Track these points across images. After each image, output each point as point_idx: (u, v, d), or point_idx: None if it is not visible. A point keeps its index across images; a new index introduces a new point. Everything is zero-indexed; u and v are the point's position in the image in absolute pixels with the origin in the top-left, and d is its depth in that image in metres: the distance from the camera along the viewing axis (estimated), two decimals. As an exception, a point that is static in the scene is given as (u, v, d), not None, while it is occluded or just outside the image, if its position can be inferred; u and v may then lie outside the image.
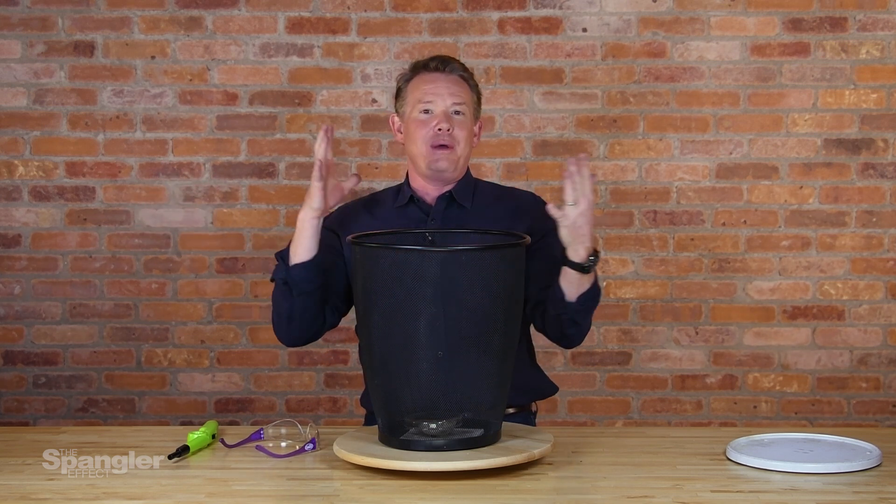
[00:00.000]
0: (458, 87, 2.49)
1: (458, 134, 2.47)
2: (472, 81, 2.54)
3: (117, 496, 1.94)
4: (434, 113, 2.47)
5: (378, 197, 2.64)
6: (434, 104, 2.47)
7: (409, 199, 2.54)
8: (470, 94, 2.52)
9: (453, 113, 2.47)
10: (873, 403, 3.99)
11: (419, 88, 2.49)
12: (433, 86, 2.48)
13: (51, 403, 4.02)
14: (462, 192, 2.53)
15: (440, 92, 2.47)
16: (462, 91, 2.49)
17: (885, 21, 3.91)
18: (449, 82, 2.49)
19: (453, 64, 2.52)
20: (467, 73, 2.53)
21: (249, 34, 3.96)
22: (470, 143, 2.51)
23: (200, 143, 3.98)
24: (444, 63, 2.50)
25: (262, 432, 2.30)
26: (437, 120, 2.45)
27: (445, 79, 2.49)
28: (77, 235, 3.99)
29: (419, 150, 2.48)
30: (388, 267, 2.04)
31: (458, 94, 2.48)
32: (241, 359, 4.02)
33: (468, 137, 2.50)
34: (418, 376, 2.07)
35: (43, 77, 3.97)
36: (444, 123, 2.44)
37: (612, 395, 4.01)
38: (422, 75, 2.51)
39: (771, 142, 3.96)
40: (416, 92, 2.49)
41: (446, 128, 2.45)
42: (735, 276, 3.98)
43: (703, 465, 2.10)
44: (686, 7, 3.93)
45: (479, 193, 2.57)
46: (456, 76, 2.50)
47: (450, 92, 2.47)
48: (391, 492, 1.95)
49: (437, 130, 2.45)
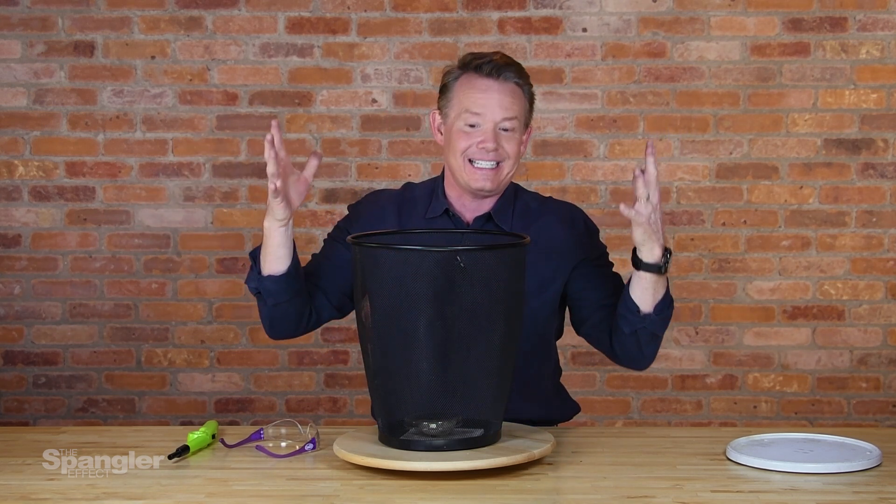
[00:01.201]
0: (511, 98, 2.26)
1: (505, 150, 2.27)
2: (526, 87, 2.31)
3: (117, 496, 1.94)
4: (481, 127, 2.25)
5: (410, 197, 2.43)
6: (482, 117, 2.25)
7: (443, 211, 2.37)
8: (523, 104, 2.29)
9: (502, 130, 2.26)
10: (873, 403, 3.99)
11: (468, 96, 2.26)
12: (484, 96, 2.25)
13: (51, 403, 4.02)
14: (502, 212, 2.36)
15: (490, 104, 2.24)
16: (515, 102, 2.27)
17: (885, 21, 3.91)
18: (502, 93, 2.25)
19: (508, 71, 2.26)
20: (523, 79, 2.29)
21: (249, 34, 3.96)
22: (518, 158, 2.31)
23: (200, 143, 3.98)
24: (499, 70, 2.25)
25: (262, 432, 2.30)
26: (483, 137, 2.25)
27: (499, 88, 2.25)
28: (77, 235, 3.99)
29: (458, 164, 2.29)
30: (388, 267, 2.04)
31: (511, 108, 2.26)
32: (241, 359, 4.02)
33: (516, 152, 2.29)
34: (418, 376, 2.06)
35: (43, 77, 3.97)
36: (489, 143, 2.24)
37: (612, 395, 4.01)
38: (472, 79, 2.27)
39: (771, 142, 3.96)
40: (463, 98, 2.27)
41: (492, 147, 2.24)
42: (735, 276, 3.98)
43: (703, 465, 2.10)
44: (686, 7, 3.93)
45: (519, 212, 2.38)
46: (511, 84, 2.26)
47: (501, 105, 2.25)
48: (391, 492, 1.94)
49: (481, 147, 2.25)
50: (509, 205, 2.38)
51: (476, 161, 2.28)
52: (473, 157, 2.27)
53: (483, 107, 2.25)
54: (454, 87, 2.29)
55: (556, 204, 2.46)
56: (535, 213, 2.41)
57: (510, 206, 2.38)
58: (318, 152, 2.24)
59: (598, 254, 2.44)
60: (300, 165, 1.95)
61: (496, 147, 2.26)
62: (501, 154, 2.27)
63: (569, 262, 2.38)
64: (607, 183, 3.97)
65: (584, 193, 3.96)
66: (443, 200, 2.38)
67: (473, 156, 2.27)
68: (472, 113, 2.26)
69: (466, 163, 2.28)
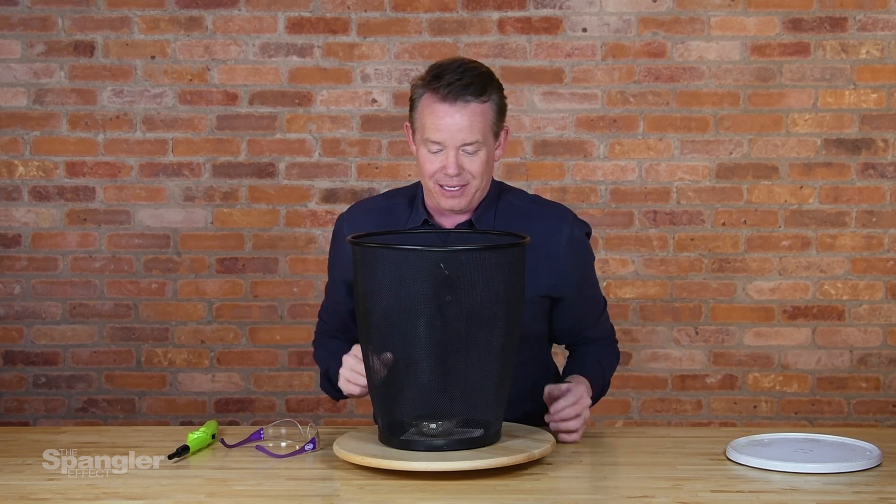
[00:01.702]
0: (469, 120, 2.22)
1: (470, 171, 2.25)
2: (492, 99, 2.25)
3: (117, 496, 1.94)
4: (443, 151, 2.24)
5: (391, 206, 2.43)
6: (442, 144, 2.23)
7: (423, 221, 2.37)
8: (486, 120, 2.24)
9: (464, 153, 2.24)
10: (873, 403, 3.99)
11: (428, 119, 2.24)
12: (442, 122, 2.21)
13: (51, 403, 4.02)
14: (482, 218, 2.35)
15: (450, 130, 2.21)
16: (475, 124, 2.22)
17: (885, 21, 3.91)
18: (460, 116, 2.21)
19: (467, 93, 2.21)
20: (486, 94, 2.24)
21: (249, 34, 3.96)
22: (488, 170, 2.29)
23: (200, 143, 3.98)
24: (456, 94, 2.20)
25: (262, 432, 2.30)
26: (446, 164, 2.23)
27: (457, 112, 2.21)
28: (77, 235, 3.99)
29: (427, 184, 2.30)
30: (388, 267, 2.04)
31: (470, 131, 2.22)
32: (241, 359, 4.02)
33: (483, 167, 2.26)
34: (418, 376, 2.06)
35: (43, 77, 3.97)
36: (451, 168, 2.23)
37: (612, 395, 4.01)
38: (431, 101, 2.23)
39: (771, 142, 3.96)
40: (424, 120, 2.24)
41: (454, 173, 2.23)
42: (735, 276, 3.98)
43: (703, 465, 2.10)
44: (686, 7, 3.92)
45: (501, 216, 2.37)
46: (470, 108, 2.21)
47: (459, 129, 2.21)
48: (391, 492, 1.94)
49: (444, 173, 2.24)
50: (491, 207, 2.37)
51: (443, 185, 2.28)
52: (440, 181, 2.27)
53: (441, 133, 2.23)
54: (418, 106, 2.27)
55: (542, 208, 2.42)
56: (522, 216, 2.38)
57: (492, 208, 2.37)
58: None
59: (577, 281, 2.40)
60: (300, 165, 1.95)
61: (458, 172, 2.24)
62: (465, 177, 2.26)
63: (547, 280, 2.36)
64: (607, 183, 3.97)
65: (584, 193, 3.96)
66: (422, 211, 2.37)
67: (440, 180, 2.27)
68: (432, 141, 2.24)
69: (435, 185, 2.28)
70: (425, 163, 2.27)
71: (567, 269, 2.37)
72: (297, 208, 3.98)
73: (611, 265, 3.97)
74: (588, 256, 2.44)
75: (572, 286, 2.39)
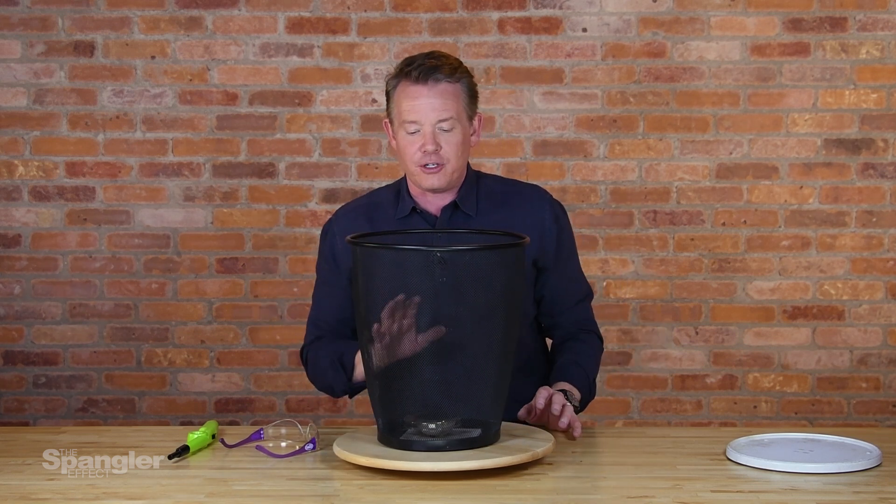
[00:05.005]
0: (442, 99, 2.34)
1: (447, 151, 2.35)
2: (462, 82, 2.38)
3: (117, 496, 1.94)
4: (421, 131, 2.34)
5: (377, 202, 2.52)
6: (419, 123, 2.34)
7: (411, 209, 2.45)
8: (459, 100, 2.37)
9: (440, 130, 2.34)
10: (873, 403, 3.99)
11: (403, 103, 2.35)
12: (416, 103, 2.33)
13: (51, 403, 4.02)
14: (466, 199, 2.44)
15: (424, 109, 2.33)
16: (448, 102, 2.34)
17: (885, 21, 3.91)
18: (433, 95, 2.33)
19: (437, 72, 2.34)
20: (455, 76, 2.36)
21: (249, 34, 3.96)
22: (464, 151, 2.39)
23: (200, 143, 3.98)
24: (427, 73, 2.33)
25: (262, 432, 2.30)
26: (423, 141, 2.34)
27: (429, 92, 2.33)
28: (77, 235, 3.99)
29: (409, 169, 2.39)
30: (388, 267, 2.04)
31: (444, 108, 2.34)
32: (241, 359, 4.02)
33: (459, 148, 2.37)
34: (418, 376, 2.07)
35: (43, 77, 3.97)
36: (429, 145, 2.34)
37: (612, 395, 4.01)
38: (405, 86, 2.35)
39: (771, 142, 3.96)
40: (400, 106, 2.36)
41: (432, 149, 2.34)
42: (735, 276, 3.98)
43: (703, 465, 2.10)
44: (686, 7, 3.93)
45: (483, 197, 2.47)
46: (442, 86, 2.34)
47: (433, 107, 2.33)
48: (391, 492, 1.95)
49: (423, 151, 2.34)
50: (472, 189, 2.47)
51: (424, 165, 2.37)
52: (420, 161, 2.36)
53: (417, 113, 2.34)
54: (393, 96, 2.39)
55: (520, 187, 2.54)
56: (503, 195, 2.50)
57: (473, 191, 2.47)
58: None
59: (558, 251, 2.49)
60: (300, 165, 1.96)
61: (436, 149, 2.35)
62: (443, 156, 2.36)
63: (534, 246, 2.43)
64: (607, 183, 3.97)
65: (584, 193, 3.96)
66: (408, 200, 2.46)
67: (420, 161, 2.36)
68: (409, 122, 2.35)
69: (416, 167, 2.38)
70: (406, 146, 2.37)
71: (551, 238, 2.48)
72: (297, 208, 3.98)
73: (611, 265, 3.97)
74: (570, 230, 2.54)
75: (553, 254, 2.48)
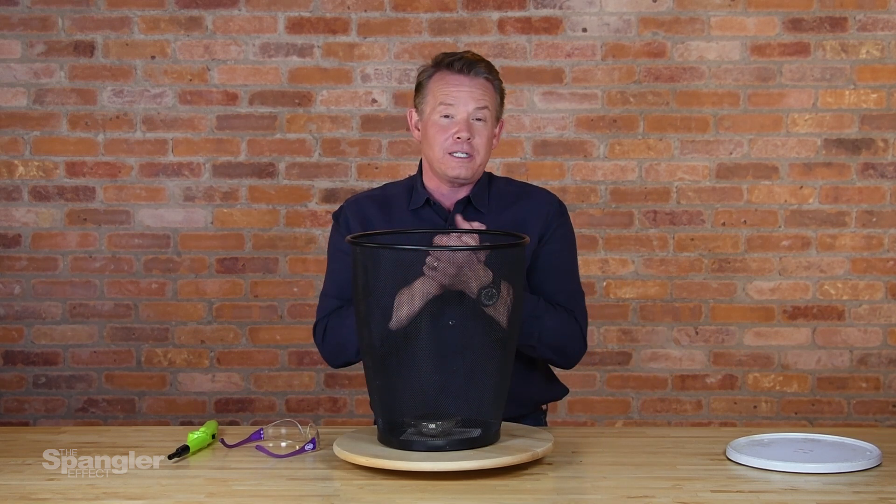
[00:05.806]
0: (481, 91, 2.41)
1: (477, 142, 2.40)
2: (496, 82, 2.45)
3: (117, 496, 1.94)
4: (455, 119, 2.39)
5: (389, 195, 2.54)
6: (455, 108, 2.39)
7: (424, 201, 2.48)
8: (494, 97, 2.44)
9: (475, 120, 2.40)
10: (873, 403, 3.99)
11: (441, 90, 2.41)
12: (456, 89, 2.40)
13: (51, 403, 4.02)
14: (479, 196, 2.48)
15: (462, 97, 2.39)
16: (486, 95, 2.41)
17: (885, 21, 3.91)
18: (473, 86, 2.40)
19: (478, 66, 2.42)
20: (493, 74, 2.44)
21: (249, 34, 3.96)
22: (489, 149, 2.45)
23: (200, 143, 3.98)
24: (470, 66, 2.41)
25: (262, 432, 2.30)
26: (458, 127, 2.38)
27: (469, 82, 2.40)
28: (77, 235, 3.99)
29: (436, 156, 2.42)
30: (388, 267, 2.04)
31: (482, 99, 2.40)
32: (241, 359, 4.02)
33: (488, 144, 2.43)
34: (418, 376, 2.07)
35: (43, 77, 3.97)
36: (464, 132, 2.38)
37: (612, 395, 4.01)
38: (444, 75, 2.42)
39: (771, 142, 3.96)
40: (437, 92, 2.41)
41: (466, 137, 2.38)
42: (735, 276, 3.98)
43: (703, 465, 2.10)
44: (686, 7, 3.93)
45: (495, 196, 2.51)
46: (481, 79, 2.41)
47: (473, 97, 2.39)
48: (391, 492, 1.95)
49: (457, 139, 2.38)
50: (485, 190, 2.50)
51: (453, 153, 2.41)
52: (450, 149, 2.40)
53: (456, 98, 2.40)
54: (428, 84, 2.44)
55: (534, 190, 2.57)
56: (513, 195, 2.53)
57: (486, 190, 2.50)
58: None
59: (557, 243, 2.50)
60: (300, 165, 1.96)
61: (469, 137, 2.40)
62: (474, 146, 2.41)
63: (535, 234, 2.48)
64: (607, 183, 3.97)
65: (584, 193, 3.96)
66: (423, 192, 2.49)
67: (450, 148, 2.40)
68: (446, 105, 2.40)
69: (445, 154, 2.41)
70: (436, 132, 2.41)
71: (552, 229, 2.50)
72: (297, 208, 3.98)
73: (611, 265, 3.97)
74: (570, 229, 2.55)
75: (550, 235, 2.49)
